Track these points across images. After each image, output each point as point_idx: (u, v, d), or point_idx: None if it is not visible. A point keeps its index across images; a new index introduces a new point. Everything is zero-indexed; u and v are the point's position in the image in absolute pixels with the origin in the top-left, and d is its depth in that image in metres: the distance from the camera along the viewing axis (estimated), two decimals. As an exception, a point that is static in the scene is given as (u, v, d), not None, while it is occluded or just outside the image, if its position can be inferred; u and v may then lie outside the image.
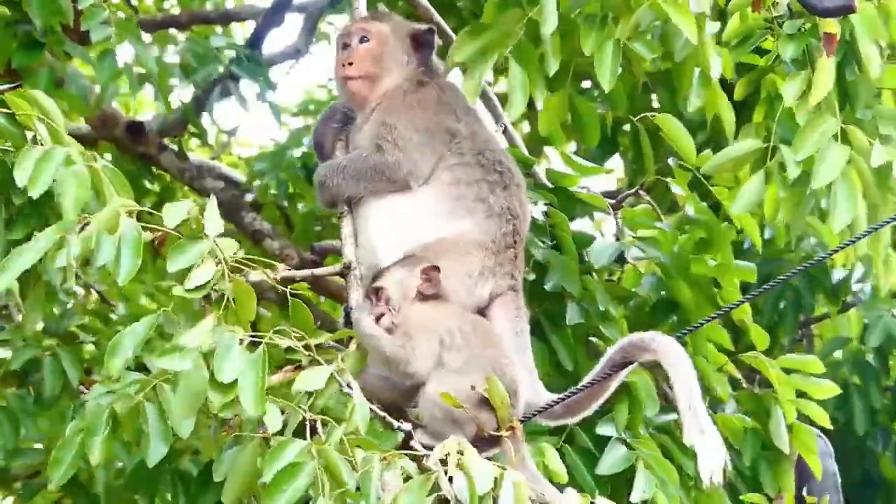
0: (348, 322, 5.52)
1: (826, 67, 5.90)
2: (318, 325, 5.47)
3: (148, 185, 10.34)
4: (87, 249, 4.98)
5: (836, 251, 5.81)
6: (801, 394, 6.57)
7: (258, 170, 10.58)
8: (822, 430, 6.74)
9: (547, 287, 6.36)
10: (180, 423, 4.92)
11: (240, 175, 10.81)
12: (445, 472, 4.67)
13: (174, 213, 5.12)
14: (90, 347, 7.69)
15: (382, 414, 5.01)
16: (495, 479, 4.67)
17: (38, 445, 7.54)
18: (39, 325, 7.01)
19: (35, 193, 5.13)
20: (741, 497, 6.56)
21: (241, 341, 4.81)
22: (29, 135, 5.35)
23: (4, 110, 5.37)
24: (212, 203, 5.17)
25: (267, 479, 4.64)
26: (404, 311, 5.28)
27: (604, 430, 6.21)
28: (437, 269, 5.33)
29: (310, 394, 4.97)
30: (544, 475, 5.65)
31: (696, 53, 5.91)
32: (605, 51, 5.79)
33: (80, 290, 9.89)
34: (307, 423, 4.82)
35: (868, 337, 8.23)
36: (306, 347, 5.00)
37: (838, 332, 8.66)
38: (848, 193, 5.84)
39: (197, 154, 10.84)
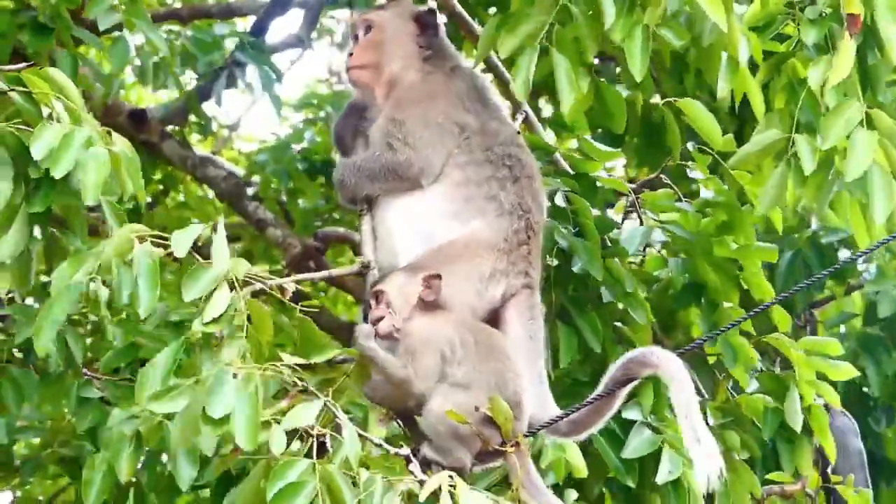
0: (366, 320, 5.49)
1: (847, 49, 5.87)
2: (322, 326, 5.45)
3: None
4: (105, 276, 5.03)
5: (881, 245, 5.75)
6: (819, 375, 6.65)
7: (259, 163, 10.55)
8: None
9: (575, 269, 6.38)
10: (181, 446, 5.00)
11: (240, 170, 10.76)
12: None
13: (183, 241, 5.10)
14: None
15: (379, 442, 5.01)
16: None
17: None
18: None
19: (58, 174, 5.16)
20: (767, 476, 6.66)
21: (235, 375, 4.79)
22: (45, 112, 5.36)
23: (21, 88, 5.37)
24: (220, 230, 5.13)
25: (268, 498, 4.67)
26: (406, 326, 5.25)
27: (630, 414, 6.25)
28: (438, 276, 5.30)
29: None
30: (565, 470, 5.80)
31: (723, 38, 5.86)
32: (634, 38, 5.72)
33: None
34: (314, 441, 4.83)
35: (878, 308, 8.26)
36: (305, 369, 5.00)
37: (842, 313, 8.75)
38: (883, 182, 5.80)
39: (197, 149, 10.79)
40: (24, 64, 5.47)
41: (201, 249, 5.19)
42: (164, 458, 6.18)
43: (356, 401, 5.21)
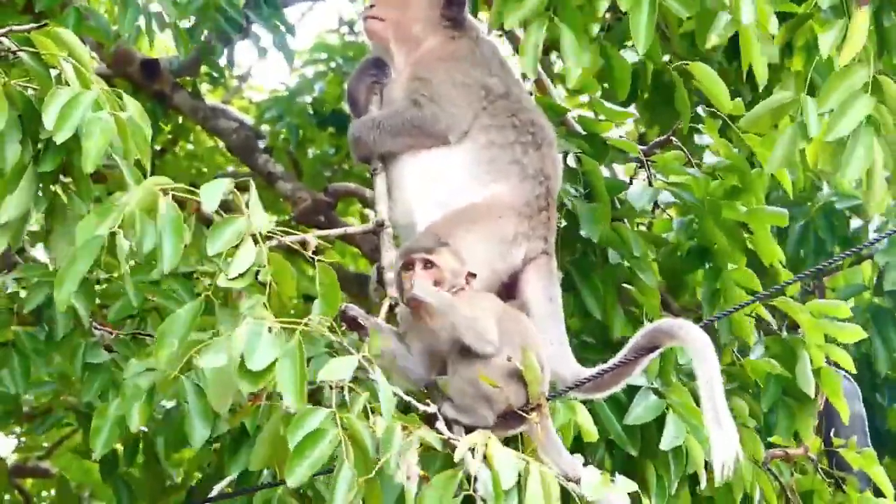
0: (380, 282, 5.50)
1: (861, 21, 5.81)
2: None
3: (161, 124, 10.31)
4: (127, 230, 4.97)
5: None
6: (828, 338, 6.63)
7: (269, 115, 10.51)
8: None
9: (582, 233, 6.36)
10: (216, 405, 4.98)
11: (250, 120, 10.71)
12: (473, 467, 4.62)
13: (212, 195, 5.04)
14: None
15: (407, 398, 4.92)
16: (519, 472, 4.62)
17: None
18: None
19: (60, 138, 5.12)
20: (769, 439, 6.64)
21: (270, 329, 4.73)
22: (54, 73, 5.32)
23: (30, 49, 5.33)
24: (253, 188, 5.10)
25: (290, 447, 4.61)
26: (464, 295, 5.17)
27: (633, 379, 6.02)
28: (474, 275, 5.22)
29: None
30: (574, 433, 5.74)
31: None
32: (641, 9, 5.67)
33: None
34: (333, 391, 4.76)
35: (886, 275, 8.25)
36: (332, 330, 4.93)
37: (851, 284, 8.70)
38: (866, 142, 5.72)
39: (208, 98, 10.76)
40: (33, 24, 5.43)
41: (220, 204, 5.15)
42: (166, 403, 6.23)
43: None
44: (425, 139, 5.63)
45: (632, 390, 6.16)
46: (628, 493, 4.80)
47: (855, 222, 8.39)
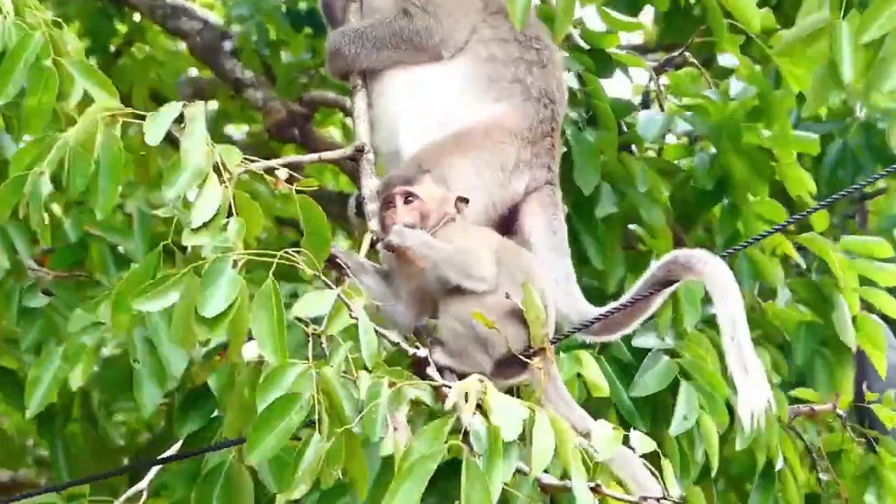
0: (359, 213, 5.16)
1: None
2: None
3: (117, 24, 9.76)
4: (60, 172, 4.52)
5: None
6: (864, 280, 6.13)
7: (237, 13, 9.73)
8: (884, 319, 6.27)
9: (578, 183, 5.86)
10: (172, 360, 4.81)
11: (216, 19, 10.04)
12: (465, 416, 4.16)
13: (157, 127, 4.48)
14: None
15: (395, 339, 4.52)
16: (524, 422, 4.15)
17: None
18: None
19: (2, 101, 4.73)
20: (791, 393, 6.15)
21: (236, 263, 4.21)
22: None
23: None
24: (199, 111, 4.51)
25: (258, 412, 4.13)
26: (448, 227, 4.86)
27: (643, 340, 5.66)
28: (466, 200, 4.89)
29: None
30: (583, 389, 5.35)
31: None
32: None
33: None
34: (309, 339, 4.29)
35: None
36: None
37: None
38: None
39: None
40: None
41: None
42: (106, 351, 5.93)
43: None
44: (415, 54, 5.30)
45: (642, 354, 5.64)
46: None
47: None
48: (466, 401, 4.16)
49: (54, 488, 5.23)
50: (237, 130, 10.58)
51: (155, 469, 5.11)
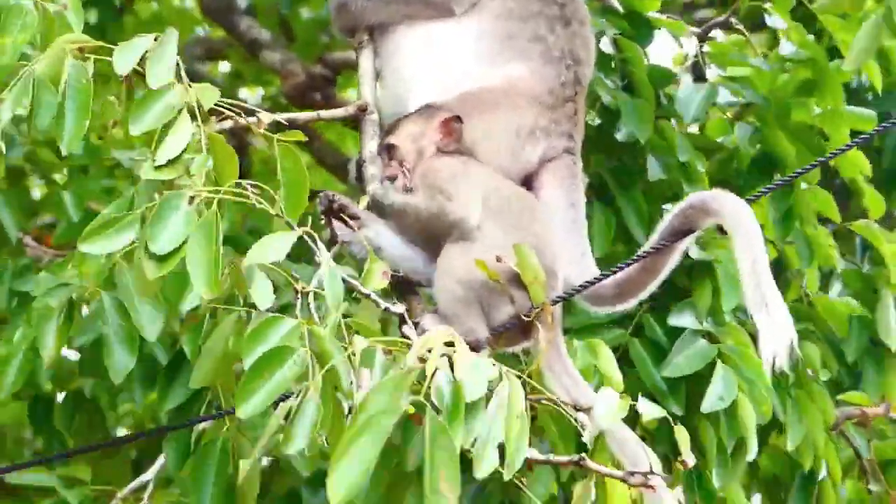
0: (360, 177, 4.92)
1: None
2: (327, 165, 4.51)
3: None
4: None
5: None
6: None
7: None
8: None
9: (618, 137, 5.62)
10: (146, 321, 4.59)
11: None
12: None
13: (126, 56, 4.22)
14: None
15: (368, 292, 4.26)
16: (490, 382, 3.90)
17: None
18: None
19: None
20: (839, 397, 5.85)
21: (192, 199, 4.03)
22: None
23: None
24: (169, 37, 4.25)
25: (246, 366, 3.89)
26: (425, 165, 4.67)
27: (679, 320, 5.44)
28: (458, 119, 4.68)
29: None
30: (599, 382, 4.99)
31: None
32: None
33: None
34: (298, 296, 4.08)
35: None
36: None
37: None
38: None
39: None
40: None
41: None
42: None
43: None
44: (425, 8, 5.03)
45: (677, 333, 5.45)
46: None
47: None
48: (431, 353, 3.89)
49: (46, 459, 5.17)
50: (251, 94, 10.25)
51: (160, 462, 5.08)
